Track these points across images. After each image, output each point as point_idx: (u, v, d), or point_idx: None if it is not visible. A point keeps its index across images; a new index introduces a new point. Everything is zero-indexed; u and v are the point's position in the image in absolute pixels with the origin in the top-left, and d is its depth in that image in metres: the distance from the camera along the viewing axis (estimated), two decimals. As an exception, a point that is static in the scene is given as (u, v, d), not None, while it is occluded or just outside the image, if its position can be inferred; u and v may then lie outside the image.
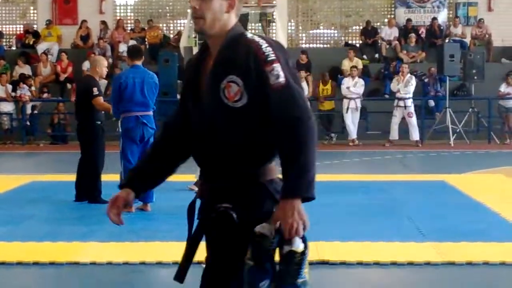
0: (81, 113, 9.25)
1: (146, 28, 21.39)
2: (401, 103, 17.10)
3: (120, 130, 8.86)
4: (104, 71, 9.47)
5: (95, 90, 9.10)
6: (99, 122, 9.24)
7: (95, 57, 10.38)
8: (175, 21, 22.57)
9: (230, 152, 3.03)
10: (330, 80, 18.22)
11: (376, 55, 20.74)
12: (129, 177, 3.29)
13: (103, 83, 19.29)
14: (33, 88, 18.57)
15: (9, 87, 18.46)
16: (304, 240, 2.95)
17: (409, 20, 21.26)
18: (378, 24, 22.24)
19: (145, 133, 8.66)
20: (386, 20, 22.06)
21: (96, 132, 9.23)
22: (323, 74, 18.30)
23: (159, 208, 8.68)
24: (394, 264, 6.31)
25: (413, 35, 20.58)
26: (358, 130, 17.51)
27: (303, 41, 23.29)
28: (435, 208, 8.93)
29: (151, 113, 8.78)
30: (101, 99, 9.19)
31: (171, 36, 21.45)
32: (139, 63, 8.86)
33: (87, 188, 9.25)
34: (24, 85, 18.42)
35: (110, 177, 9.98)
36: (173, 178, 9.08)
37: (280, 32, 20.11)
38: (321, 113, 18.15)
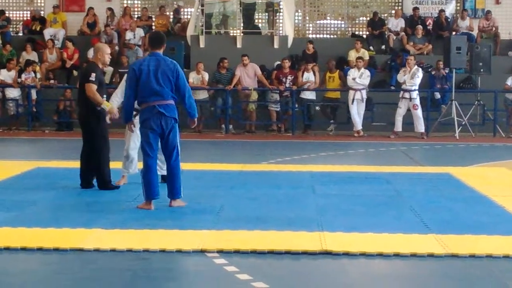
0: (83, 99, 9.17)
1: (153, 16, 21.38)
2: (407, 95, 17.09)
3: (139, 124, 8.44)
4: (107, 58, 9.39)
5: (92, 75, 9.01)
6: (99, 108, 9.15)
7: (98, 44, 10.28)
8: (182, 10, 22.52)
9: None
10: (337, 70, 18.21)
11: (383, 47, 20.69)
12: None
13: (109, 70, 19.35)
14: (38, 75, 18.56)
15: (11, 73, 18.46)
16: None
17: (416, 8, 21.15)
18: (386, 15, 22.18)
19: (164, 124, 8.10)
20: (393, 11, 21.99)
21: (99, 118, 9.19)
22: (328, 62, 18.31)
23: (163, 196, 8.69)
24: (397, 255, 6.32)
25: (420, 26, 20.51)
26: (363, 121, 17.50)
27: (310, 32, 23.26)
28: (439, 200, 8.93)
29: (170, 102, 8.17)
30: (94, 86, 9.01)
31: (178, 24, 21.43)
32: (159, 51, 8.36)
33: (97, 175, 9.27)
34: (31, 71, 18.42)
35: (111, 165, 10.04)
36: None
37: (287, 22, 20.09)
38: (325, 103, 18.15)
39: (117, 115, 9.20)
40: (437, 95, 18.77)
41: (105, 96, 9.32)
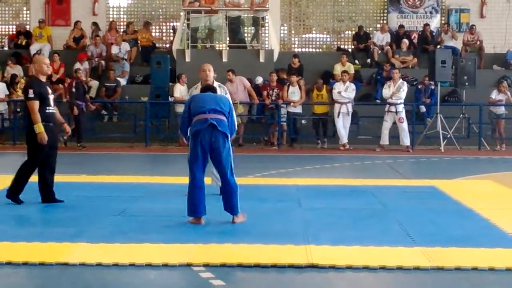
0: (28, 115, 9.02)
1: (138, 30, 21.39)
2: (392, 108, 17.14)
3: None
4: (45, 68, 9.12)
5: (30, 92, 8.86)
6: (51, 124, 8.98)
7: (36, 56, 10.12)
8: (168, 24, 22.57)
9: None
10: (324, 86, 18.19)
11: (368, 60, 20.80)
12: None
13: (95, 84, 19.34)
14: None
15: (1, 86, 18.39)
16: None
17: (401, 26, 21.35)
18: (371, 29, 22.32)
19: (213, 139, 7.87)
20: (378, 25, 22.14)
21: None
22: (316, 81, 18.29)
23: (149, 210, 8.67)
24: (383, 268, 6.32)
25: (405, 40, 20.66)
26: (349, 135, 17.54)
27: (296, 45, 23.35)
28: (425, 213, 8.95)
29: (224, 118, 7.98)
30: (34, 103, 8.85)
31: (168, 38, 21.42)
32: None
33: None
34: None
35: (67, 178, 9.85)
36: (164, 180, 8.99)
37: (273, 36, 20.16)
38: (314, 117, 18.11)
39: (44, 141, 8.89)
40: (423, 109, 18.86)
41: (50, 108, 9.07)
